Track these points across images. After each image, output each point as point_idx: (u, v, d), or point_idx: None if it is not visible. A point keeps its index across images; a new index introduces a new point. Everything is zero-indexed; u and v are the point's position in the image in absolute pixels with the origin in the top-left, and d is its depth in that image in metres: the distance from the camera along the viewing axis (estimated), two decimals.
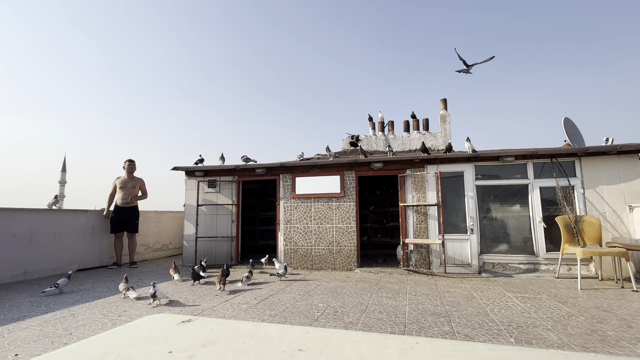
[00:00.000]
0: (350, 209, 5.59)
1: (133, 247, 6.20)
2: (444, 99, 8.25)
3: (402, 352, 0.62)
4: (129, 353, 0.65)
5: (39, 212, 5.22)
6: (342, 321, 2.84)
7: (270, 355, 0.63)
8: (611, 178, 4.75)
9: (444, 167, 5.34)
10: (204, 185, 6.34)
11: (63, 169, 62.55)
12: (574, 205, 4.82)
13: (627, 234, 4.58)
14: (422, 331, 2.58)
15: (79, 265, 5.66)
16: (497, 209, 5.18)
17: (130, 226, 6.17)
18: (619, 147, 4.65)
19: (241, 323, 0.82)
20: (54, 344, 2.38)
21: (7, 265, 4.64)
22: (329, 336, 0.70)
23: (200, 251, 6.15)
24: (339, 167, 5.77)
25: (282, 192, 5.98)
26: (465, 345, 0.65)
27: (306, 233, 5.73)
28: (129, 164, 6.24)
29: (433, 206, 5.21)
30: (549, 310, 3.06)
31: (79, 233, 5.73)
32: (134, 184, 6.21)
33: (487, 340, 2.38)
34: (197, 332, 0.75)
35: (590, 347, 2.24)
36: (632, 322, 2.72)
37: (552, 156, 4.99)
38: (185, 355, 0.63)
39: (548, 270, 4.78)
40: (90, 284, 4.53)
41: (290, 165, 5.97)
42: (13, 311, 3.20)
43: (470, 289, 3.97)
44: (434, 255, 5.17)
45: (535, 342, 2.33)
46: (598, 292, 3.75)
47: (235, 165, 6.17)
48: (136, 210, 6.28)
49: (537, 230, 4.89)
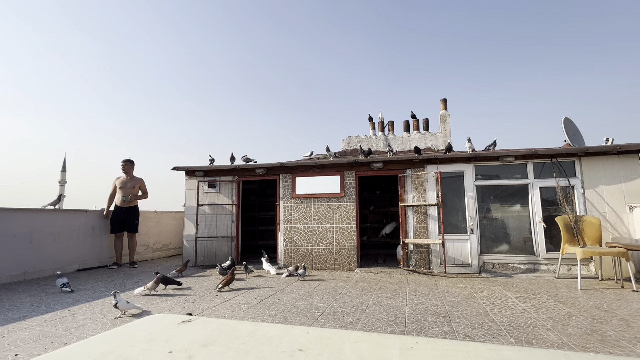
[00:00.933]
0: (350, 209, 5.59)
1: (133, 247, 6.20)
2: (444, 99, 8.25)
3: (402, 352, 0.62)
4: (129, 353, 0.65)
5: (39, 212, 5.22)
6: (342, 321, 2.84)
7: (270, 355, 0.63)
8: (611, 178, 4.75)
9: (444, 167, 5.34)
10: (204, 185, 6.34)
11: (63, 169, 62.56)
12: (574, 205, 4.82)
13: (627, 234, 4.58)
14: (422, 331, 2.58)
15: (79, 265, 5.66)
16: (497, 209, 5.18)
17: (130, 226, 6.16)
18: (619, 147, 4.65)
19: (241, 323, 0.82)
20: (54, 344, 2.38)
21: (7, 265, 4.64)
22: (329, 336, 0.70)
23: (200, 251, 6.15)
24: (339, 167, 5.77)
25: (282, 192, 5.98)
26: (465, 345, 0.65)
27: (306, 233, 5.73)
28: (124, 164, 6.24)
29: (433, 206, 5.21)
30: (549, 310, 3.06)
31: (79, 233, 5.73)
32: (134, 184, 6.21)
33: (487, 340, 2.38)
34: (197, 332, 0.75)
35: (590, 347, 2.24)
36: (632, 322, 2.72)
37: (552, 156, 4.99)
38: (185, 355, 0.63)
39: (548, 270, 4.78)
40: (90, 284, 4.53)
41: (290, 165, 5.97)
42: (13, 311, 3.20)
43: (470, 289, 3.97)
44: (434, 255, 5.17)
45: (535, 342, 2.33)
46: (598, 292, 3.76)
47: (235, 165, 6.17)
48: (136, 210, 6.28)
49: (537, 230, 4.89)
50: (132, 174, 6.30)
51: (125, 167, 6.24)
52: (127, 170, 6.24)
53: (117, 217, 6.10)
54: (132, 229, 6.18)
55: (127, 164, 6.26)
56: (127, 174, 6.24)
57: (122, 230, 6.14)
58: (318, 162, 5.86)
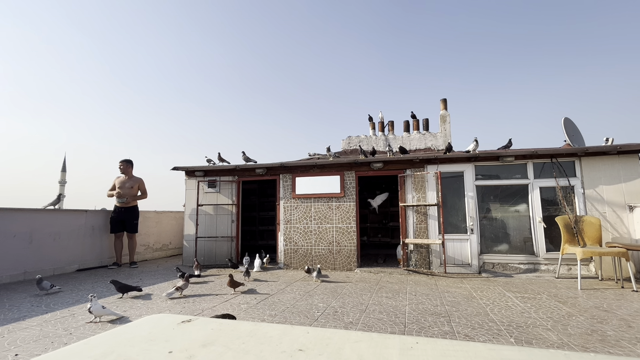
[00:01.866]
0: (350, 209, 5.59)
1: (133, 247, 6.20)
2: (444, 99, 8.25)
3: (402, 352, 0.62)
4: (129, 353, 0.65)
5: (39, 212, 5.22)
6: (342, 321, 2.84)
7: (270, 355, 0.63)
8: (611, 178, 4.75)
9: (444, 167, 5.34)
10: (204, 185, 6.34)
11: (63, 169, 62.52)
12: (574, 205, 4.82)
13: (627, 234, 4.58)
14: (422, 331, 2.58)
15: (79, 265, 5.66)
16: (497, 209, 5.18)
17: (130, 226, 6.16)
18: (619, 147, 4.65)
19: (241, 323, 0.82)
20: (54, 344, 2.38)
21: (7, 265, 4.64)
22: (329, 336, 0.70)
23: (200, 251, 6.15)
24: (339, 167, 5.77)
25: (282, 192, 5.98)
26: (465, 345, 0.65)
27: (306, 233, 5.73)
28: (121, 164, 6.23)
29: (433, 206, 5.21)
30: (549, 310, 3.06)
31: (79, 233, 5.73)
32: (132, 184, 6.20)
33: (487, 340, 2.38)
34: (197, 332, 0.75)
35: (590, 347, 2.24)
36: (632, 322, 2.72)
37: (552, 156, 4.99)
38: (185, 355, 0.63)
39: (548, 270, 4.78)
40: (90, 284, 4.53)
41: (290, 165, 5.97)
42: (13, 311, 3.20)
43: (470, 289, 3.97)
44: (434, 255, 5.16)
45: (535, 342, 2.33)
46: (598, 292, 3.75)
47: (235, 165, 6.17)
48: (135, 210, 6.27)
49: (537, 230, 4.89)
50: (131, 173, 6.29)
51: (122, 168, 6.23)
52: (124, 171, 6.23)
53: (117, 217, 6.09)
54: (132, 229, 6.18)
55: (125, 164, 6.23)
56: (126, 174, 6.23)
57: (122, 230, 6.14)
58: (318, 162, 5.86)
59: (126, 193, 6.12)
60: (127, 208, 6.15)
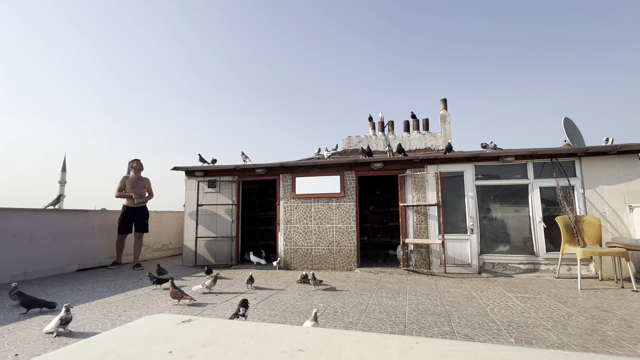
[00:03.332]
0: (350, 209, 5.59)
1: (139, 247, 6.13)
2: (444, 99, 8.25)
3: (402, 352, 0.62)
4: (129, 353, 0.65)
5: (39, 212, 5.22)
6: (342, 321, 2.84)
7: (270, 355, 0.62)
8: (611, 178, 4.75)
9: (444, 167, 5.34)
10: (204, 185, 6.34)
11: (63, 169, 62.52)
12: (574, 205, 4.82)
13: (627, 234, 4.58)
14: (422, 331, 2.58)
15: (78, 265, 5.66)
16: (497, 209, 5.18)
17: (141, 226, 6.12)
18: (619, 147, 4.65)
19: (241, 323, 0.82)
20: (54, 344, 2.38)
21: (7, 265, 4.64)
22: (329, 336, 0.70)
23: (200, 251, 6.15)
24: (339, 167, 5.77)
25: (282, 192, 5.98)
26: (465, 345, 0.65)
27: (306, 233, 5.73)
28: (136, 163, 6.21)
29: (433, 206, 5.21)
30: (549, 310, 3.06)
31: (79, 233, 5.73)
32: (144, 184, 6.21)
33: (487, 340, 2.38)
34: (197, 332, 0.75)
35: (590, 347, 2.24)
36: (632, 322, 2.72)
37: (552, 156, 4.99)
38: (185, 355, 0.63)
39: (548, 270, 4.78)
40: (90, 284, 4.53)
41: (290, 165, 5.97)
42: (13, 311, 3.20)
43: (470, 289, 3.97)
44: (434, 255, 5.16)
45: (535, 342, 2.33)
46: (598, 292, 3.75)
47: (235, 165, 6.17)
48: (146, 209, 6.28)
49: (537, 230, 4.89)
50: (140, 174, 6.29)
51: (137, 167, 6.20)
52: (138, 170, 6.22)
53: (128, 218, 6.04)
54: (143, 229, 6.15)
55: (140, 163, 6.24)
56: (138, 174, 6.22)
57: (130, 232, 6.11)
58: (318, 162, 5.86)
59: (141, 193, 6.11)
60: (140, 208, 6.14)
